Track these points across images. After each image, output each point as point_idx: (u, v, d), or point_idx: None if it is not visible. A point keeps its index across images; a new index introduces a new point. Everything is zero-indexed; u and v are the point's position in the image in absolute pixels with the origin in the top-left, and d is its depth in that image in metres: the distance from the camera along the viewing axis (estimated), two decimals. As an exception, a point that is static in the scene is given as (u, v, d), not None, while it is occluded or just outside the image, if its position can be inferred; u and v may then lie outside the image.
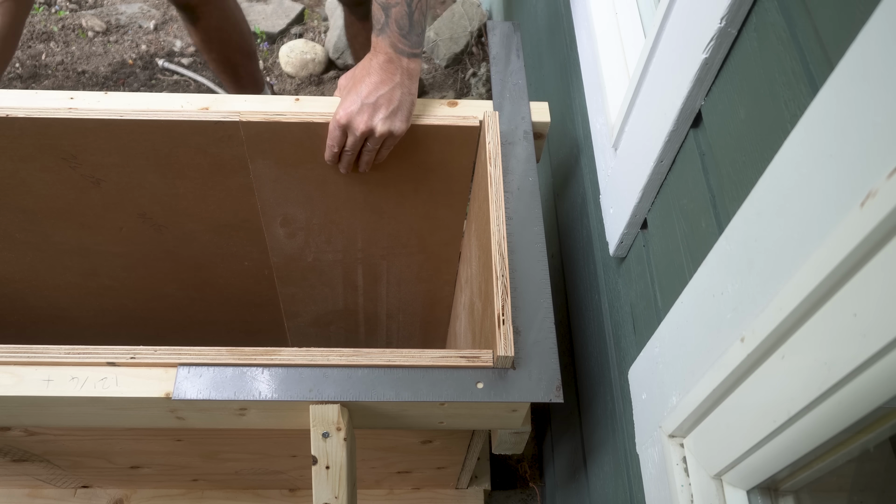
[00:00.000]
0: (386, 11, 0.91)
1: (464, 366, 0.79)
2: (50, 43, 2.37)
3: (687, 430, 0.71)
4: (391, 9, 0.91)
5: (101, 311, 1.39)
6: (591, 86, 1.12)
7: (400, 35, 0.92)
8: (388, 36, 0.92)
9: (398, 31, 0.92)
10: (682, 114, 0.72)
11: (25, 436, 1.11)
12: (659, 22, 0.78)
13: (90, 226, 1.17)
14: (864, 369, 0.45)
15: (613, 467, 0.97)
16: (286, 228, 1.20)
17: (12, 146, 1.00)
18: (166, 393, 0.77)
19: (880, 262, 0.42)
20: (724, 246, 0.61)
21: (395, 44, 0.93)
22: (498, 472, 1.52)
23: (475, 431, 1.13)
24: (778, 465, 0.60)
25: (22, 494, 1.34)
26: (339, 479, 0.81)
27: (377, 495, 1.39)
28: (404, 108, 0.95)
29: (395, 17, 0.91)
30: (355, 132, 0.94)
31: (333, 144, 0.96)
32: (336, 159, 1.00)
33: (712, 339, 0.63)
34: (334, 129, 0.95)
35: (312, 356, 0.79)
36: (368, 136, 0.95)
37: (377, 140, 0.95)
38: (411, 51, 0.94)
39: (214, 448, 1.18)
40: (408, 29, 0.92)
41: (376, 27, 0.93)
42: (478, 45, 2.41)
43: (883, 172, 0.40)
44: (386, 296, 1.39)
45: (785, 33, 0.56)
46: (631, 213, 0.87)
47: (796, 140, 0.51)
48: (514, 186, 0.95)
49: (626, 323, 0.93)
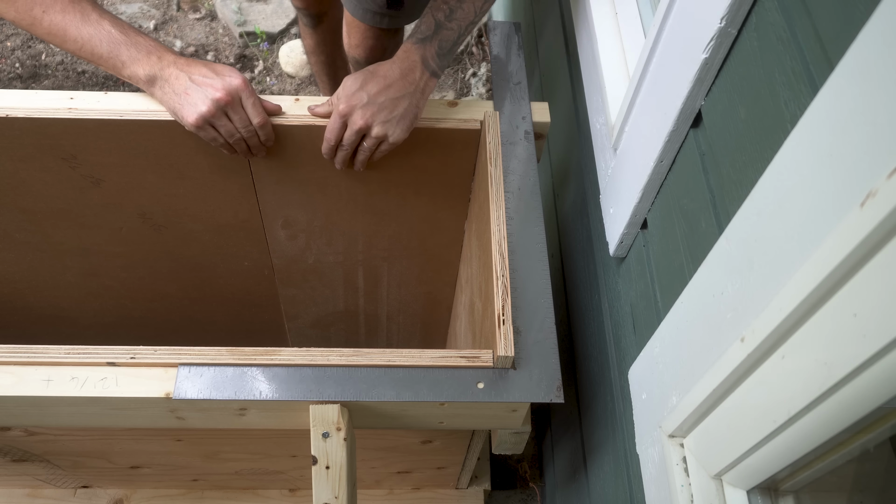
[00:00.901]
0: (438, 28, 0.94)
1: (464, 366, 0.79)
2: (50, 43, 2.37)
3: (687, 430, 0.71)
4: (443, 29, 0.94)
5: (101, 311, 1.39)
6: (591, 86, 1.12)
7: (437, 54, 0.94)
8: (426, 48, 0.94)
9: (437, 50, 0.94)
10: (682, 114, 0.72)
11: (25, 436, 1.11)
12: (659, 22, 0.78)
13: (90, 226, 1.17)
14: (864, 369, 0.45)
15: (613, 467, 0.97)
16: (287, 230, 1.20)
17: (12, 146, 1.00)
18: (166, 393, 0.77)
19: (880, 262, 0.42)
20: (724, 246, 0.61)
21: (427, 58, 0.94)
22: (498, 472, 1.52)
23: (475, 431, 1.13)
24: (778, 465, 0.60)
25: (22, 494, 1.34)
26: (339, 479, 0.81)
27: (377, 495, 1.39)
28: (406, 119, 0.94)
29: (443, 37, 0.94)
30: (353, 125, 0.93)
31: (331, 137, 0.96)
32: (332, 154, 0.99)
33: (712, 339, 0.63)
34: (335, 119, 0.94)
35: (312, 356, 0.79)
36: (365, 134, 0.95)
37: (372, 140, 0.95)
38: (437, 70, 0.95)
39: (214, 448, 1.18)
40: (446, 51, 0.95)
41: (418, 36, 0.94)
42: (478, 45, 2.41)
43: (883, 172, 0.40)
44: (386, 297, 1.39)
45: (785, 33, 0.56)
46: (631, 213, 0.87)
47: (796, 140, 0.51)
48: (515, 186, 0.95)
49: (626, 323, 0.93)
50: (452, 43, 0.95)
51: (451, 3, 0.94)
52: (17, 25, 0.92)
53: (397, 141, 0.95)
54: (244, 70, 2.36)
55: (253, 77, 2.34)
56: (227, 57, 2.38)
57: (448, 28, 0.94)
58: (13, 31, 2.40)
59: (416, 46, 0.94)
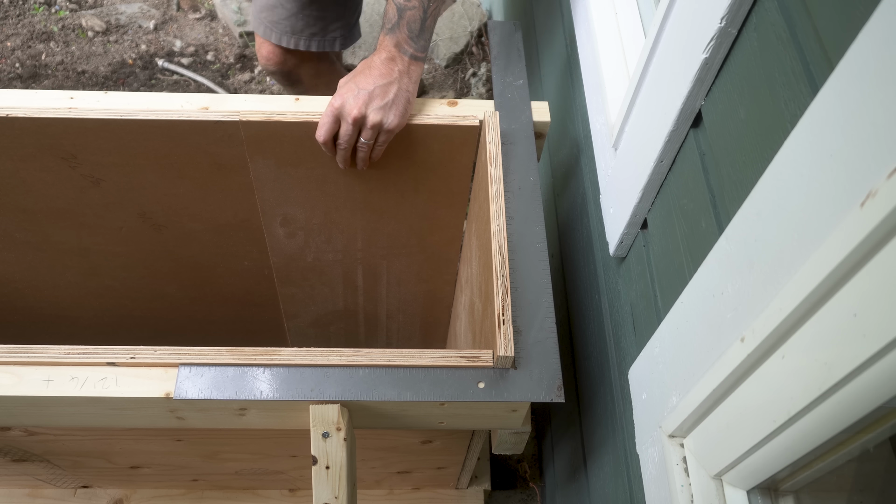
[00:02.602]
0: (400, 12, 0.95)
1: (464, 366, 0.79)
2: (50, 43, 2.37)
3: (687, 430, 0.71)
4: (406, 11, 0.95)
5: (101, 311, 1.39)
6: (591, 86, 1.12)
7: (409, 37, 0.96)
8: (396, 35, 0.95)
9: (407, 33, 0.95)
10: (683, 114, 0.72)
11: (25, 436, 1.11)
12: (659, 22, 0.78)
13: (90, 225, 1.17)
14: (864, 369, 0.45)
15: (613, 467, 0.97)
16: (286, 228, 1.20)
17: (12, 146, 1.00)
18: (166, 393, 0.77)
19: (880, 262, 0.42)
20: (724, 246, 0.61)
21: (401, 44, 0.95)
22: (498, 472, 1.52)
23: (475, 431, 1.13)
24: (778, 465, 0.60)
25: (22, 494, 1.34)
26: (339, 479, 0.81)
27: (377, 495, 1.39)
28: (399, 104, 0.95)
29: (409, 19, 0.95)
30: (347, 118, 0.94)
31: (322, 133, 0.96)
32: (331, 149, 1.00)
33: (712, 339, 0.63)
34: (326, 115, 0.95)
35: (313, 356, 0.79)
36: (361, 126, 0.95)
37: (370, 132, 0.96)
38: (416, 53, 0.96)
39: (214, 448, 1.18)
40: (417, 32, 0.96)
41: (386, 26, 0.96)
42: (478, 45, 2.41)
43: (883, 172, 0.40)
44: (386, 296, 1.39)
45: (785, 33, 0.56)
46: (631, 213, 0.87)
47: (796, 140, 0.51)
48: (515, 186, 0.95)
49: (626, 323, 0.93)
50: (421, 22, 0.96)
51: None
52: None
53: (393, 126, 0.96)
54: (244, 70, 2.36)
55: (253, 77, 2.34)
56: (227, 57, 2.38)
57: (410, 8, 0.95)
58: (13, 30, 2.40)
59: (389, 36, 0.96)
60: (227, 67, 2.35)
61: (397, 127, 0.96)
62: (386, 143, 0.98)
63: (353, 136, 0.97)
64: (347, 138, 0.97)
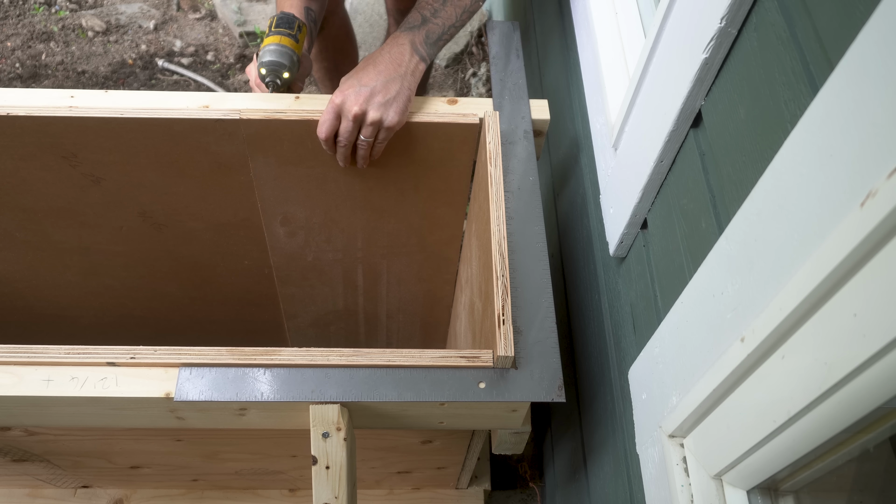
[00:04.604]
0: (424, 21, 0.99)
1: (464, 366, 0.79)
2: (50, 43, 2.37)
3: (687, 430, 0.71)
4: (429, 23, 0.99)
5: (102, 311, 1.39)
6: (591, 86, 1.12)
7: (424, 41, 0.99)
8: (414, 34, 0.98)
9: (424, 37, 0.99)
10: (683, 114, 0.72)
11: (25, 436, 1.11)
12: (659, 22, 0.78)
13: (90, 225, 1.17)
14: (864, 369, 0.45)
15: (613, 467, 0.97)
16: (286, 227, 1.20)
17: (13, 145, 1.00)
18: (166, 393, 0.77)
19: (880, 262, 0.42)
20: (724, 246, 0.61)
21: (416, 43, 0.98)
22: (498, 472, 1.52)
23: (475, 431, 1.13)
24: (778, 465, 0.60)
25: (22, 494, 1.34)
26: (339, 479, 0.81)
27: (377, 495, 1.39)
28: (399, 101, 0.96)
29: (429, 29, 0.99)
30: (348, 115, 0.94)
31: (323, 130, 0.96)
32: (332, 146, 1.00)
33: (712, 339, 0.63)
34: (328, 111, 0.96)
35: (313, 356, 0.79)
36: (361, 123, 0.96)
37: (369, 129, 0.96)
38: (425, 56, 0.99)
39: (214, 448, 1.18)
40: (433, 42, 1.00)
41: (406, 26, 0.99)
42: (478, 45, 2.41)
43: (883, 172, 0.40)
44: (386, 295, 1.39)
45: (785, 33, 0.56)
46: (631, 213, 0.87)
47: (796, 140, 0.51)
48: (515, 186, 0.95)
49: (626, 323, 0.93)
50: (438, 36, 1.00)
51: (435, 4, 0.99)
52: None
53: (392, 124, 0.96)
54: (244, 70, 2.36)
55: (253, 76, 2.34)
56: (227, 57, 2.38)
57: (433, 23, 0.99)
58: (13, 31, 2.40)
59: (405, 33, 0.98)
60: (227, 67, 2.35)
61: (397, 124, 0.96)
62: (386, 140, 0.98)
63: (353, 133, 0.97)
64: (347, 135, 0.97)
